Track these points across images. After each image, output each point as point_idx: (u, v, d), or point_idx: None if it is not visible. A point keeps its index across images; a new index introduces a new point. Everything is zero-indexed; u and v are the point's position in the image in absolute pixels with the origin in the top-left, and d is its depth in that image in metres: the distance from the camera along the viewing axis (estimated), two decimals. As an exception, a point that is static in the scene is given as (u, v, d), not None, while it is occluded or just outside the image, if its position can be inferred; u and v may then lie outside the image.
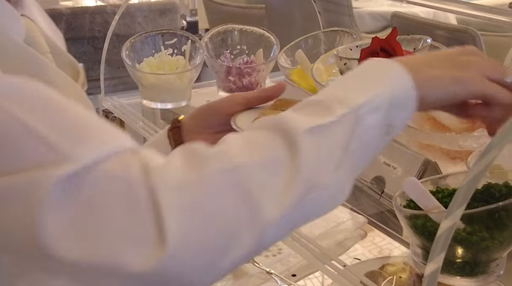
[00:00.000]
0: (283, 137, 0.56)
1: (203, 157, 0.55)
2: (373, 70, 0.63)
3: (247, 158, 0.55)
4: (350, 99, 0.59)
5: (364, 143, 0.59)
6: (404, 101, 0.61)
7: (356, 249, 1.25)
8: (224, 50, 1.52)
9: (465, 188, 0.55)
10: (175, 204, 0.51)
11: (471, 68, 0.64)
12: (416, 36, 1.22)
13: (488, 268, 0.73)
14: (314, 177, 0.56)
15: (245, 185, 0.53)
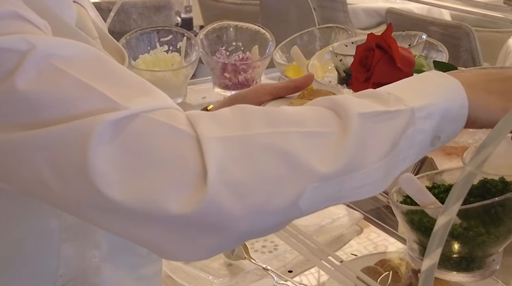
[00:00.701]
0: (337, 115, 0.58)
1: (252, 115, 0.56)
2: (434, 80, 0.65)
3: (295, 126, 0.56)
4: (407, 100, 0.60)
5: (410, 145, 0.60)
6: (455, 117, 0.63)
7: (351, 245, 1.26)
8: (220, 46, 1.52)
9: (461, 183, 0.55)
10: (218, 154, 0.53)
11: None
12: (411, 33, 1.22)
13: (484, 263, 0.73)
14: (359, 158, 0.57)
15: (287, 150, 0.55)
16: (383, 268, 1.06)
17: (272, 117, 0.57)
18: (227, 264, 1.22)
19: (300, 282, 1.17)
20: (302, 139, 0.56)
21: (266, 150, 0.54)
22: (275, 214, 0.55)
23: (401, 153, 0.60)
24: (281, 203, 0.55)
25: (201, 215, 0.52)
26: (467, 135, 0.90)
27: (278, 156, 0.54)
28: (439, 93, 0.62)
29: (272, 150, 0.55)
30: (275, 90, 0.87)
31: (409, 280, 1.02)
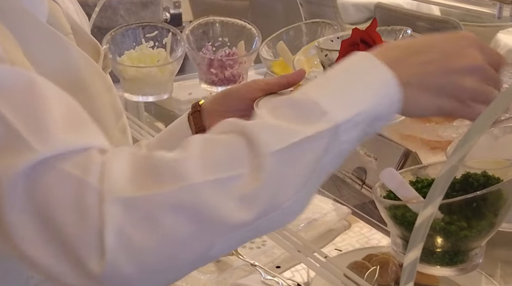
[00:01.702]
0: (249, 148, 0.55)
1: (158, 170, 0.54)
2: (368, 78, 0.60)
3: (205, 173, 0.54)
4: (333, 113, 0.57)
5: (335, 156, 0.58)
6: (385, 116, 0.61)
7: (343, 239, 1.26)
8: (206, 42, 1.52)
9: (443, 177, 0.55)
10: (118, 217, 0.52)
11: (464, 100, 0.62)
12: (396, 27, 1.22)
13: (467, 257, 0.73)
14: (274, 200, 0.55)
15: (196, 206, 0.53)
16: (370, 262, 1.06)
17: (179, 168, 0.54)
18: (215, 260, 1.22)
19: (290, 278, 1.16)
20: (212, 190, 0.53)
21: (172, 209, 0.53)
22: (182, 269, 0.55)
23: (324, 168, 0.58)
24: (188, 259, 0.54)
25: (104, 283, 0.52)
26: (451, 129, 0.90)
27: (185, 214, 0.53)
28: (369, 96, 0.59)
29: (178, 208, 0.53)
30: (267, 86, 0.86)
31: (396, 275, 1.03)
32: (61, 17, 0.80)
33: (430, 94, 0.62)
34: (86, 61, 0.77)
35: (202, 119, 0.88)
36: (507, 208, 0.72)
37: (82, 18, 0.92)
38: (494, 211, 0.71)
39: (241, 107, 0.85)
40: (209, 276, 1.18)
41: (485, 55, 0.63)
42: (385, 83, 0.60)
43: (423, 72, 0.62)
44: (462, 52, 0.63)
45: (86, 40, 0.84)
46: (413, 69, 0.62)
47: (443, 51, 0.63)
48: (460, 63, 0.62)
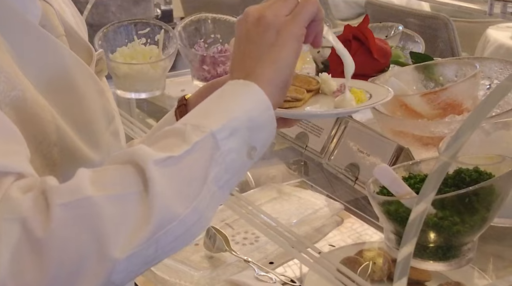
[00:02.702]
0: (135, 171, 0.55)
1: (51, 192, 0.54)
2: (230, 92, 0.63)
3: (97, 192, 0.54)
4: (205, 125, 0.58)
5: (224, 169, 0.58)
6: (262, 123, 0.61)
7: (335, 235, 1.26)
8: (198, 39, 1.52)
9: (436, 173, 0.56)
10: (13, 242, 0.51)
11: (283, 37, 0.65)
12: (388, 24, 1.23)
13: (460, 252, 0.74)
14: (168, 210, 0.55)
15: (92, 220, 0.53)
16: (363, 258, 1.07)
17: (71, 189, 0.54)
18: (208, 256, 1.22)
19: (283, 274, 1.17)
20: (105, 205, 0.53)
21: (66, 231, 0.52)
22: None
23: (216, 181, 0.58)
24: (94, 284, 0.53)
25: None
26: (443, 125, 0.91)
27: (79, 234, 0.52)
28: (237, 106, 0.61)
29: (72, 227, 0.52)
30: None
31: (389, 270, 1.03)
32: (54, 19, 0.79)
33: (264, 58, 0.65)
34: (78, 64, 0.77)
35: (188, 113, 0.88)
36: (499, 203, 0.73)
37: (79, 21, 0.91)
38: (486, 206, 0.71)
39: None
40: (203, 272, 1.18)
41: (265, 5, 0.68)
42: (250, 90, 0.62)
43: (248, 58, 0.66)
44: (253, 23, 0.68)
45: (79, 43, 0.84)
46: (243, 63, 0.66)
47: (244, 33, 0.68)
48: (256, 30, 0.67)
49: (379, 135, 0.98)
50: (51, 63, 0.73)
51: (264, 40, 0.66)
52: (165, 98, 1.53)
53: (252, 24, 0.67)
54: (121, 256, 0.53)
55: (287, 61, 0.65)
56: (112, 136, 0.82)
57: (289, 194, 1.37)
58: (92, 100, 0.78)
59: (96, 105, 0.79)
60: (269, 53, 0.65)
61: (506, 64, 1.02)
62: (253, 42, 0.67)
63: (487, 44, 2.66)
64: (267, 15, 0.66)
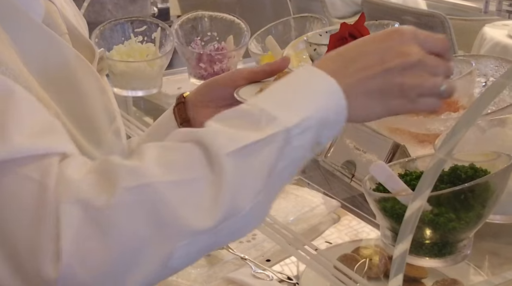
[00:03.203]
0: (205, 158, 0.55)
1: (116, 174, 0.54)
2: (310, 86, 0.61)
3: (163, 176, 0.53)
4: (281, 118, 0.57)
5: (290, 162, 0.58)
6: (334, 123, 0.61)
7: (332, 233, 1.27)
8: (195, 37, 1.52)
9: (432, 170, 0.56)
10: (75, 221, 0.51)
11: (408, 94, 0.63)
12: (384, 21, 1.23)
13: (456, 249, 0.74)
14: (233, 203, 0.54)
15: (155, 206, 0.52)
16: (359, 255, 1.07)
17: (139, 172, 0.54)
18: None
19: (280, 271, 1.17)
20: (172, 191, 0.53)
21: (130, 210, 0.52)
22: (143, 280, 0.53)
23: (281, 175, 0.58)
24: (146, 271, 0.53)
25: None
26: (438, 122, 0.91)
27: (143, 216, 0.52)
28: (315, 103, 0.60)
29: (136, 209, 0.52)
30: (250, 74, 0.86)
31: (385, 267, 1.04)
32: (57, 17, 0.79)
33: (375, 98, 0.62)
34: (80, 62, 0.77)
35: (187, 111, 0.88)
36: (495, 199, 0.73)
37: (80, 20, 0.91)
38: (481, 203, 0.72)
39: (225, 97, 0.85)
40: (200, 270, 1.18)
41: (423, 46, 0.64)
42: (330, 90, 0.61)
43: (363, 79, 0.62)
44: (396, 50, 0.63)
45: (81, 41, 0.84)
46: (353, 77, 0.62)
47: (378, 54, 0.63)
48: (397, 62, 0.62)
49: (375, 132, 0.98)
50: (54, 61, 0.74)
51: (389, 63, 0.62)
52: (161, 96, 1.53)
53: (395, 41, 0.63)
54: (180, 242, 0.53)
55: (380, 112, 0.63)
56: (114, 135, 0.82)
57: (286, 192, 1.37)
58: (94, 99, 0.78)
59: (98, 103, 0.79)
60: (381, 98, 0.62)
61: (502, 61, 1.02)
62: (373, 54, 0.63)
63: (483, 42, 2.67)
64: (417, 52, 0.63)
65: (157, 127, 0.94)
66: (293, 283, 1.13)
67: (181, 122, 0.88)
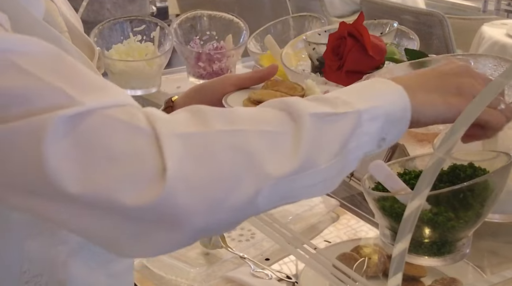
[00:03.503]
0: (289, 116, 0.60)
1: (209, 114, 0.58)
2: (377, 86, 0.68)
3: (252, 125, 0.58)
4: (354, 103, 0.63)
5: (359, 145, 0.63)
6: (399, 119, 0.65)
7: (331, 232, 1.27)
8: (194, 36, 1.52)
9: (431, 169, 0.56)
10: (177, 150, 0.54)
11: (465, 92, 0.69)
12: (383, 21, 1.23)
13: (455, 248, 0.74)
14: (313, 156, 0.59)
15: (246, 148, 0.56)
16: (358, 254, 1.07)
17: (229, 116, 0.58)
18: (204, 253, 1.22)
19: (279, 270, 1.17)
20: (259, 139, 0.57)
21: (225, 148, 0.56)
22: (232, 211, 0.56)
23: (350, 153, 0.62)
24: (239, 200, 0.56)
25: (158, 209, 0.53)
26: (437, 122, 0.91)
27: (237, 154, 0.56)
28: (383, 97, 0.65)
29: (231, 148, 0.56)
30: (239, 81, 0.87)
31: (384, 265, 1.04)
32: (57, 16, 0.79)
33: (435, 93, 0.68)
34: (82, 60, 0.77)
35: None
36: (494, 198, 0.73)
37: (76, 22, 0.92)
38: (480, 202, 0.72)
39: (213, 102, 0.85)
40: (199, 269, 1.18)
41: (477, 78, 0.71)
42: (395, 91, 0.66)
43: (422, 81, 0.70)
44: (452, 66, 0.73)
45: (81, 40, 0.84)
46: (413, 80, 0.70)
47: (437, 69, 0.73)
48: (451, 70, 0.71)
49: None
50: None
51: (448, 82, 0.70)
52: (160, 95, 1.52)
53: (461, 75, 0.71)
54: (265, 183, 0.56)
55: (441, 107, 0.68)
56: None
57: (284, 191, 1.37)
58: None
59: None
60: (439, 93, 0.69)
61: (500, 61, 1.02)
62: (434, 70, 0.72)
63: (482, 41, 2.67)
64: (473, 82, 0.70)
65: None
66: (292, 282, 1.13)
67: None
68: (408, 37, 1.25)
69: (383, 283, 1.00)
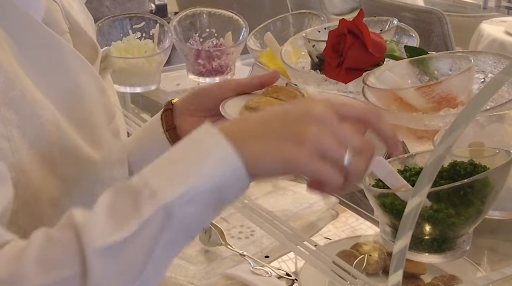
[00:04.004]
0: (79, 251, 0.56)
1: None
2: (199, 151, 0.59)
3: (36, 281, 0.55)
4: (162, 194, 0.57)
5: (180, 230, 0.58)
6: (233, 184, 0.59)
7: (330, 229, 1.27)
8: (193, 33, 1.52)
9: (431, 166, 0.56)
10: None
11: (306, 144, 0.58)
12: (382, 18, 1.23)
13: (455, 244, 0.74)
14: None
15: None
16: (358, 251, 1.07)
17: (14, 277, 0.55)
18: (204, 250, 1.22)
19: (279, 268, 1.17)
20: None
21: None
22: None
23: (168, 244, 0.57)
24: None
25: None
26: (437, 119, 0.91)
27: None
28: (204, 170, 0.58)
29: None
30: (238, 86, 0.85)
31: (384, 263, 1.04)
32: (58, 16, 0.78)
33: (271, 145, 0.59)
34: (80, 62, 0.77)
35: (173, 118, 0.88)
36: (494, 195, 0.73)
37: (85, 18, 0.90)
38: (481, 199, 0.72)
39: (211, 107, 0.85)
40: (198, 266, 1.18)
41: (337, 109, 0.60)
42: (222, 154, 0.58)
43: (259, 126, 0.60)
44: (302, 107, 0.61)
45: (84, 40, 0.83)
46: (249, 125, 0.61)
47: (282, 109, 0.62)
48: (297, 114, 0.60)
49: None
50: (53, 61, 0.73)
51: (291, 129, 0.59)
52: (160, 93, 1.53)
53: (301, 113, 0.60)
54: None
55: (279, 160, 0.59)
56: (112, 135, 0.82)
57: (284, 188, 1.37)
58: (93, 99, 0.78)
59: (97, 104, 0.79)
60: (277, 142, 0.59)
61: (500, 58, 1.03)
62: (277, 111, 0.61)
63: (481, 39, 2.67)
64: (321, 109, 0.59)
65: (143, 131, 0.94)
66: (291, 279, 1.13)
67: (167, 129, 0.88)
68: (407, 34, 1.25)
69: (383, 280, 1.00)
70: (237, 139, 0.59)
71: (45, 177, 0.71)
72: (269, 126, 0.60)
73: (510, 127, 0.87)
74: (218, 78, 1.49)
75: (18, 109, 0.67)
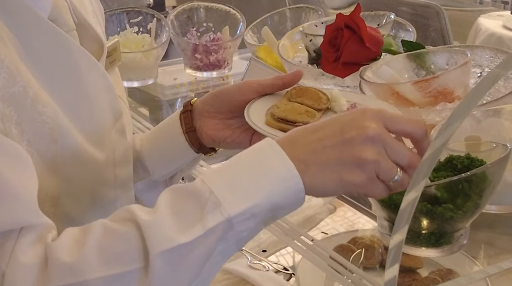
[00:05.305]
0: (142, 247, 0.58)
1: (53, 271, 0.57)
2: (263, 165, 0.61)
3: (98, 272, 0.57)
4: (226, 205, 0.59)
5: (232, 243, 0.61)
6: (291, 205, 0.62)
7: (328, 223, 1.27)
8: (190, 27, 1.52)
9: (427, 161, 0.56)
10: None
11: (366, 168, 0.61)
12: (379, 12, 1.23)
13: (453, 238, 0.75)
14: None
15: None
16: (355, 245, 1.07)
17: (76, 265, 0.57)
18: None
19: (276, 262, 1.17)
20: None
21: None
22: None
23: (222, 254, 0.60)
24: None
25: None
26: (434, 113, 0.91)
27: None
28: (268, 189, 0.60)
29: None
30: (260, 87, 0.83)
31: (381, 257, 1.04)
32: (65, 13, 0.77)
33: (330, 169, 0.61)
34: (87, 60, 0.76)
35: (193, 120, 0.86)
36: (491, 189, 0.73)
37: (97, 9, 0.89)
38: (478, 193, 0.72)
39: (231, 109, 0.84)
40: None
41: (387, 124, 0.62)
42: (285, 175, 0.60)
43: (318, 149, 0.62)
44: (357, 124, 0.62)
45: (91, 35, 0.82)
46: (309, 147, 0.62)
47: (338, 126, 0.63)
48: (354, 133, 0.61)
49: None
50: (58, 59, 0.72)
51: (350, 154, 0.61)
52: (157, 87, 1.52)
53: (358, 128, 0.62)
54: None
55: (338, 185, 0.62)
56: (118, 134, 0.81)
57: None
58: (99, 97, 0.77)
59: (103, 102, 0.78)
60: (337, 166, 0.61)
61: (497, 52, 1.03)
62: (333, 126, 0.63)
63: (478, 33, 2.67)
64: (376, 127, 0.61)
65: (161, 131, 0.91)
66: (289, 274, 1.13)
67: (186, 130, 0.86)
68: (405, 28, 1.25)
69: (380, 274, 1.00)
70: (300, 163, 0.61)
71: (44, 176, 0.70)
72: (328, 150, 0.62)
73: (507, 121, 0.87)
74: (215, 73, 1.49)
75: (18, 106, 0.67)
